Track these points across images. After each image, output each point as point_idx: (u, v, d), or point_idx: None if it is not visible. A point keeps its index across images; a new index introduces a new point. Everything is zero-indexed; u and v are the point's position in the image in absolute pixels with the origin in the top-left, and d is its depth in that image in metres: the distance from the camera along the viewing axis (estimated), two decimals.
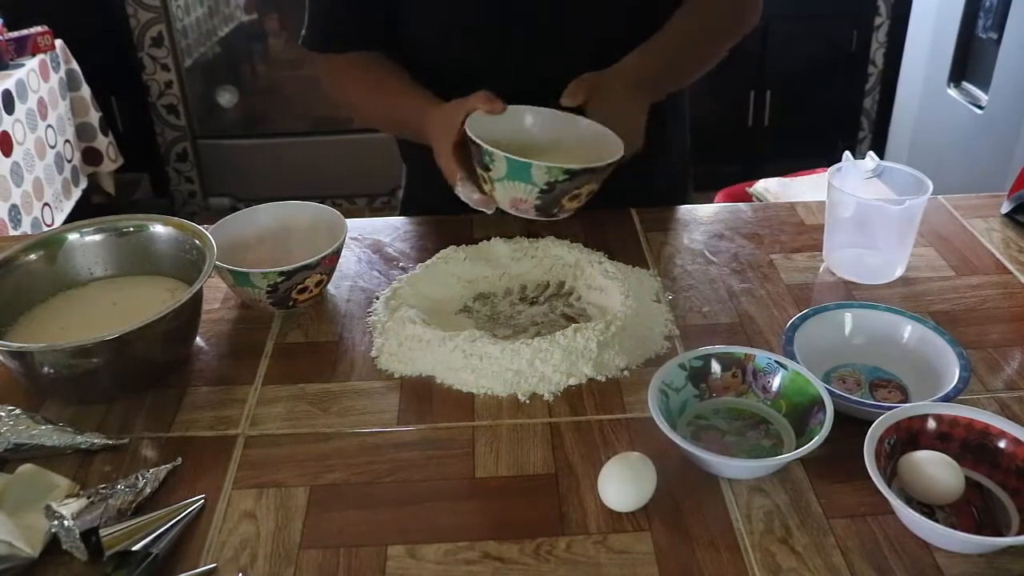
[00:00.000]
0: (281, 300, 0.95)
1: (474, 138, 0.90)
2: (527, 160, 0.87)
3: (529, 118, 1.00)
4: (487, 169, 0.91)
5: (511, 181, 0.90)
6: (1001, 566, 0.67)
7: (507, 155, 0.88)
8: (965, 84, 2.60)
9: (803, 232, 1.13)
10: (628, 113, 1.00)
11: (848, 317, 0.90)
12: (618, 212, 1.17)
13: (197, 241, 0.93)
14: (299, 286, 0.94)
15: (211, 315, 0.98)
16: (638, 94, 1.02)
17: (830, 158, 1.38)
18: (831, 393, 0.77)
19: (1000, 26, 2.36)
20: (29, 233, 2.24)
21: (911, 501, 0.71)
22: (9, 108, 2.23)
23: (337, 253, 0.97)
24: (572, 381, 0.86)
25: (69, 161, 2.58)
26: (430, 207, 1.20)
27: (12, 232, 2.17)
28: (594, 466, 0.75)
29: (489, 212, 0.96)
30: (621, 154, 0.92)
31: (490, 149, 0.88)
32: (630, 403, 0.84)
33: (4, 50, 2.36)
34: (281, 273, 0.92)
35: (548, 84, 1.01)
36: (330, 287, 1.02)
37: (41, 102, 2.42)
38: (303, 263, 0.93)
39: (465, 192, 0.95)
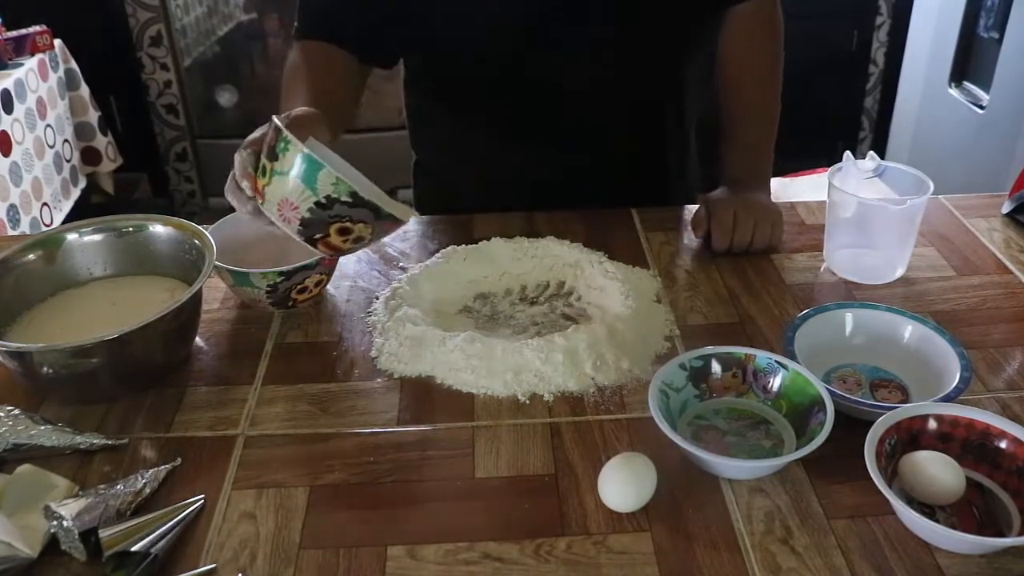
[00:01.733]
0: (281, 300, 0.95)
1: (277, 121, 0.80)
2: (322, 161, 0.77)
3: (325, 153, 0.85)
4: (274, 158, 0.80)
5: (293, 179, 0.79)
6: (1001, 566, 0.67)
7: (304, 150, 0.77)
8: (966, 84, 2.60)
9: (803, 232, 1.13)
10: (747, 203, 1.08)
11: (848, 317, 0.89)
12: (618, 212, 1.17)
13: (197, 241, 0.93)
14: (299, 286, 0.94)
15: (211, 315, 0.98)
16: (743, 192, 1.12)
17: (830, 158, 1.37)
18: (831, 393, 0.77)
19: (1001, 26, 2.36)
20: (28, 233, 2.23)
21: (912, 501, 0.71)
22: (8, 108, 2.23)
23: None
24: (572, 381, 0.86)
25: (68, 161, 2.58)
26: (443, 198, 1.23)
27: (11, 232, 2.16)
28: (594, 466, 0.75)
29: (243, 206, 0.85)
30: (407, 220, 0.84)
31: (289, 136, 0.78)
32: (630, 403, 0.84)
33: (3, 50, 2.35)
34: (280, 273, 0.92)
35: (563, 94, 1.06)
36: (330, 287, 1.02)
37: (40, 102, 2.41)
38: (302, 263, 0.92)
39: (240, 161, 0.83)
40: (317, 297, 0.99)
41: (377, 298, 0.99)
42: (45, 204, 2.41)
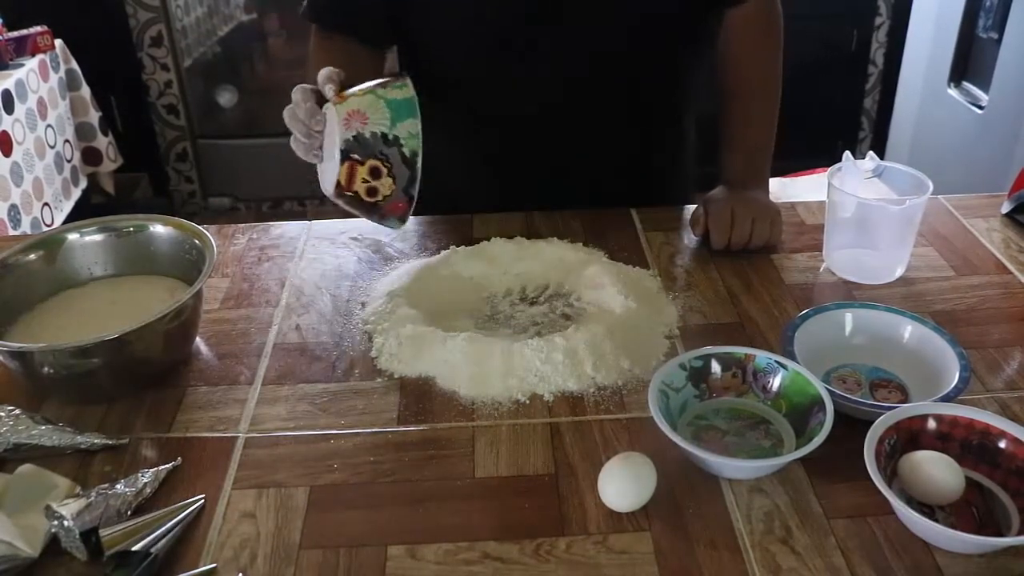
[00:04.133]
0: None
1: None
2: (418, 115, 0.84)
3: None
4: (382, 85, 0.86)
5: (385, 105, 0.84)
6: (1001, 566, 0.67)
7: (414, 98, 0.84)
8: (965, 84, 2.60)
9: (803, 232, 1.13)
10: (745, 202, 1.09)
11: (848, 317, 0.89)
12: (618, 212, 1.17)
13: (197, 241, 0.93)
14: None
15: (211, 315, 0.98)
16: (741, 191, 1.12)
17: (830, 158, 1.37)
18: (831, 393, 0.77)
19: (1000, 26, 2.36)
20: (29, 233, 2.24)
21: (911, 501, 0.71)
22: (9, 108, 2.23)
23: None
24: (572, 381, 0.86)
25: (69, 161, 2.58)
26: (443, 198, 1.23)
27: (12, 232, 2.17)
28: (594, 466, 0.75)
29: (298, 128, 0.92)
30: (404, 222, 0.90)
31: (409, 83, 0.85)
32: (630, 403, 0.84)
33: (4, 50, 2.35)
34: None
35: (557, 93, 1.06)
36: (330, 287, 1.02)
37: (41, 102, 2.41)
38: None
39: (303, 89, 0.91)
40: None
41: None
42: (46, 204, 2.41)
